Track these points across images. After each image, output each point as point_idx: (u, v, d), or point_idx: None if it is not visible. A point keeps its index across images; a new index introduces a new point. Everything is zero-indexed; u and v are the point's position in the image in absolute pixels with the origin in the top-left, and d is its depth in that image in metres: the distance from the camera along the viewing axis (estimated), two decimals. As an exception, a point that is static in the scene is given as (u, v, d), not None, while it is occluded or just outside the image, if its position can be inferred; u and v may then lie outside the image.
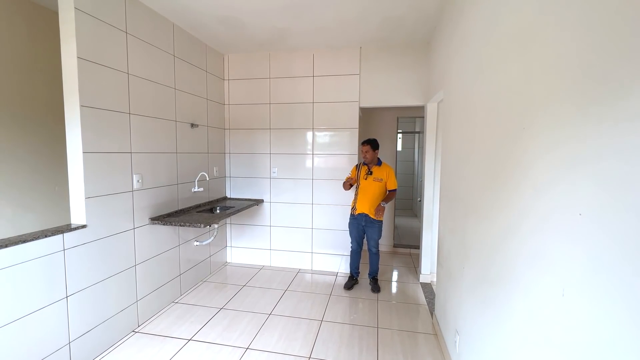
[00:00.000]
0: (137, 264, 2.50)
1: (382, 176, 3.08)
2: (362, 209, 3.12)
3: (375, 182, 3.07)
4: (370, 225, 3.13)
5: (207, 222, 2.61)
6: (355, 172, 3.23)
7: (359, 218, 3.16)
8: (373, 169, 3.11)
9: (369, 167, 3.13)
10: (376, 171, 3.10)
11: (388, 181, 3.10)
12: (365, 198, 3.10)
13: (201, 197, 3.40)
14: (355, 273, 3.37)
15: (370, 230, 3.16)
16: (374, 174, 3.08)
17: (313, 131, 3.65)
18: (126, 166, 2.36)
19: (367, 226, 3.15)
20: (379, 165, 3.13)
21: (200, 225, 2.53)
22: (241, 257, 3.97)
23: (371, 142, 3.07)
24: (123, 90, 2.32)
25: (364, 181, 3.10)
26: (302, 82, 3.63)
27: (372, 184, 3.08)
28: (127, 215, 2.39)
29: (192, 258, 3.24)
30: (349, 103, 3.54)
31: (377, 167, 3.12)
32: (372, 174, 3.08)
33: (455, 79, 2.11)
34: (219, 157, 3.77)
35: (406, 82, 3.44)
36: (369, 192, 3.08)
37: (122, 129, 2.31)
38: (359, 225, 3.17)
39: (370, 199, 3.08)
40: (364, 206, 3.11)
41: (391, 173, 3.11)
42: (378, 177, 3.07)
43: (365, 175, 3.11)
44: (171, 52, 2.85)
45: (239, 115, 3.83)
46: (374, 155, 3.08)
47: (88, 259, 2.07)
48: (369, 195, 3.08)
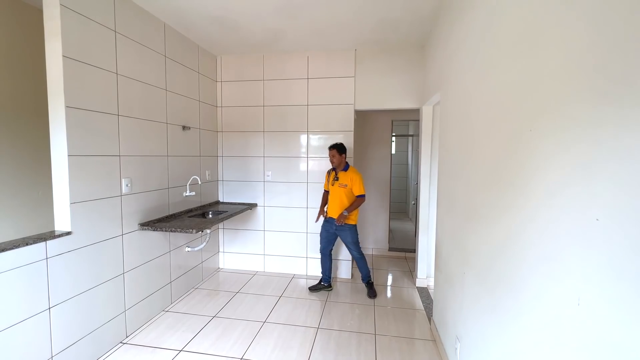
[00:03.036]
0: (126, 272, 2.40)
1: (347, 182, 3.04)
2: (331, 214, 3.13)
3: (340, 188, 3.05)
4: (341, 229, 3.11)
5: (198, 228, 2.52)
6: (326, 177, 3.29)
7: (330, 221, 3.16)
8: (339, 174, 3.09)
9: (336, 173, 3.12)
10: (342, 177, 3.07)
11: (353, 187, 3.03)
12: (334, 203, 3.10)
13: (193, 201, 3.31)
14: (326, 277, 3.29)
15: (342, 235, 3.14)
16: (340, 180, 3.07)
17: (308, 134, 3.60)
18: (114, 170, 2.27)
19: (338, 231, 3.14)
20: (345, 170, 3.09)
21: (192, 231, 2.45)
22: (234, 263, 3.88)
23: (337, 147, 3.04)
24: (111, 91, 2.23)
25: (332, 187, 3.12)
26: (296, 84, 3.58)
27: (338, 190, 3.07)
28: (115, 221, 2.29)
29: (183, 264, 3.14)
30: (343, 106, 3.51)
31: (342, 173, 3.09)
32: (338, 179, 3.07)
33: (454, 80, 2.09)
34: (212, 161, 3.69)
35: (401, 84, 3.43)
36: (336, 198, 3.08)
37: (110, 131, 2.22)
38: (330, 228, 3.17)
39: (338, 205, 3.07)
40: (333, 211, 3.12)
41: (356, 178, 3.03)
42: (343, 182, 3.04)
43: (332, 181, 3.11)
44: (162, 53, 2.77)
45: (232, 118, 3.75)
46: (341, 159, 3.06)
47: (73, 268, 1.97)
48: (337, 200, 3.08)
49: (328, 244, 3.26)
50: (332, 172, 3.19)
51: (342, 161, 3.08)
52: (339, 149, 3.05)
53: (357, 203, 3.06)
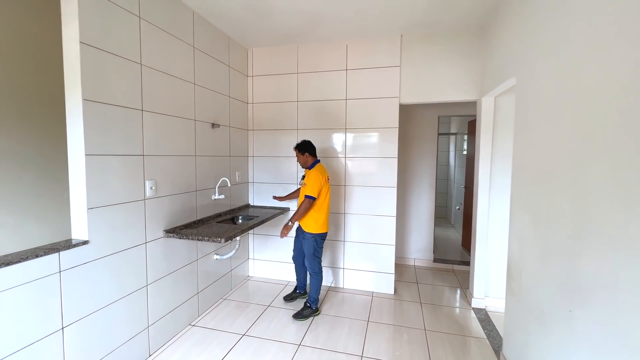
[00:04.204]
0: (149, 284, 2.17)
1: (306, 180, 2.73)
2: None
3: (302, 187, 2.78)
4: (302, 237, 2.80)
5: (227, 236, 2.24)
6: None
7: (298, 228, 2.91)
8: (306, 173, 2.81)
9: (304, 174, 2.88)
10: (306, 175, 2.79)
11: (307, 185, 2.67)
12: (298, 205, 2.79)
13: (222, 204, 3.06)
14: (300, 285, 3.09)
15: (303, 243, 2.81)
16: (304, 179, 2.77)
17: (345, 132, 3.24)
18: (137, 171, 2.04)
19: (300, 237, 2.84)
20: (309, 168, 2.77)
21: (220, 240, 2.17)
22: (265, 271, 3.60)
23: (298, 146, 2.77)
24: (135, 83, 2.00)
25: (301, 188, 2.84)
26: (333, 76, 3.24)
27: (301, 189, 2.79)
28: (138, 228, 2.06)
29: (211, 273, 2.90)
30: (387, 99, 3.11)
31: (307, 171, 2.79)
32: (304, 179, 2.79)
33: (545, 58, 1.64)
34: (242, 161, 3.44)
35: (455, 74, 2.97)
36: (299, 198, 2.80)
37: (133, 128, 2.00)
38: (298, 236, 2.92)
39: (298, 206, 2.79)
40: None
41: (311, 176, 2.66)
42: (304, 181, 2.75)
43: (301, 182, 2.85)
44: (191, 43, 2.54)
45: (263, 115, 3.48)
46: (305, 159, 2.76)
47: (90, 281, 1.74)
48: (299, 202, 2.80)
49: (298, 252, 2.95)
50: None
51: (307, 160, 2.76)
52: (300, 148, 2.76)
53: (302, 207, 2.63)
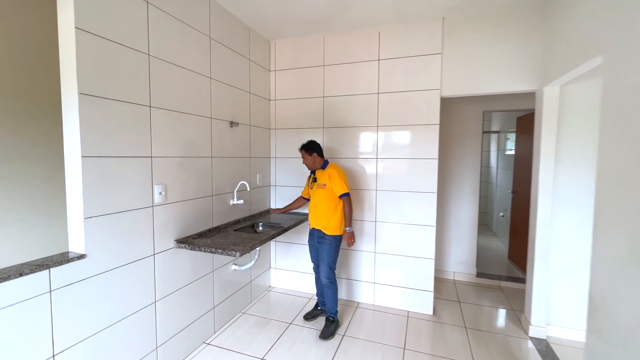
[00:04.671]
0: (158, 300, 1.95)
1: (325, 180, 2.51)
2: (313, 222, 2.60)
3: (319, 189, 2.54)
4: (321, 242, 2.54)
5: (245, 247, 1.97)
6: (307, 183, 2.79)
7: (313, 233, 2.63)
8: (317, 174, 2.61)
9: (314, 175, 2.65)
10: (320, 176, 2.57)
11: (333, 185, 2.46)
12: (313, 209, 2.58)
13: (241, 210, 2.82)
14: (322, 300, 2.77)
15: (321, 250, 2.55)
16: (318, 180, 2.57)
17: (377, 130, 2.88)
18: (144, 175, 1.82)
19: (318, 243, 2.57)
20: (322, 168, 2.58)
21: (236, 254, 1.90)
22: (287, 281, 3.32)
23: (304, 146, 2.57)
24: (142, 76, 1.79)
25: (311, 191, 2.64)
26: (364, 68, 2.89)
27: (317, 192, 2.56)
28: (145, 238, 1.84)
29: (229, 285, 2.65)
30: (426, 92, 2.71)
31: (320, 172, 2.58)
32: (317, 180, 2.58)
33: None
34: (263, 163, 3.18)
35: (507, 60, 2.52)
36: (318, 202, 2.55)
37: (139, 127, 1.78)
38: (314, 242, 2.62)
39: (318, 210, 2.54)
40: (313, 219, 2.59)
41: (334, 174, 2.47)
42: (321, 182, 2.53)
43: (311, 184, 2.66)
44: (207, 33, 2.31)
45: (286, 113, 3.20)
46: (313, 160, 2.56)
47: (88, 301, 1.53)
48: (316, 205, 2.56)
49: (318, 262, 2.64)
50: (311, 175, 2.70)
51: (316, 161, 2.57)
52: (306, 148, 2.55)
53: (348, 207, 2.49)
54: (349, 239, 2.50)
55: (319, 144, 2.59)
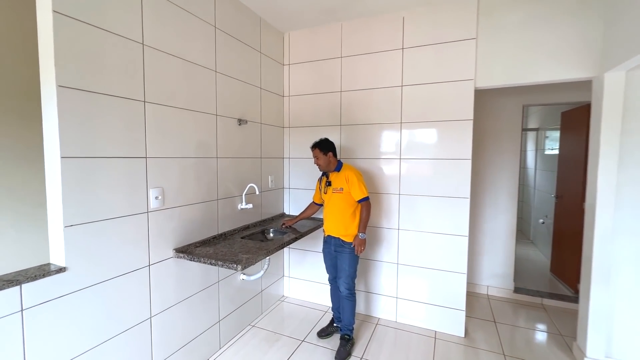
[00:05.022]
0: (154, 315, 1.76)
1: (341, 184, 2.27)
2: (329, 230, 2.35)
3: (335, 193, 2.29)
4: (340, 250, 2.30)
5: (247, 261, 1.75)
6: (317, 187, 2.52)
7: (329, 241, 2.37)
8: (331, 177, 2.34)
9: (327, 177, 2.37)
10: (335, 179, 2.32)
11: (351, 189, 2.23)
12: (330, 215, 2.34)
13: (251, 214, 2.61)
14: (338, 316, 2.49)
15: (340, 258, 2.31)
16: (333, 183, 2.32)
17: (401, 126, 2.57)
18: (138, 177, 1.64)
19: (336, 251, 2.33)
20: (337, 170, 2.32)
21: (237, 267, 1.68)
22: (301, 292, 3.08)
23: (319, 144, 2.30)
24: (134, 67, 1.61)
25: (325, 195, 2.38)
26: (385, 58, 2.60)
27: (333, 197, 2.31)
28: (139, 247, 1.66)
29: (237, 297, 2.45)
30: (458, 83, 2.38)
31: (335, 174, 2.33)
32: (331, 184, 2.32)
33: None
34: (276, 163, 2.96)
35: (556, 43, 2.14)
36: (334, 208, 2.31)
37: (131, 124, 1.60)
38: (330, 251, 2.37)
39: (336, 216, 2.30)
40: (330, 226, 2.34)
41: (352, 176, 2.24)
42: (337, 186, 2.28)
43: (325, 189, 2.37)
44: (211, 22, 2.11)
45: (301, 110, 2.97)
46: (327, 159, 2.29)
47: (68, 320, 1.36)
48: (333, 211, 2.31)
49: (334, 271, 2.42)
50: (323, 177, 2.44)
51: (331, 161, 2.30)
52: (321, 147, 2.28)
53: (366, 212, 2.26)
54: (359, 246, 2.23)
55: (333, 142, 2.33)
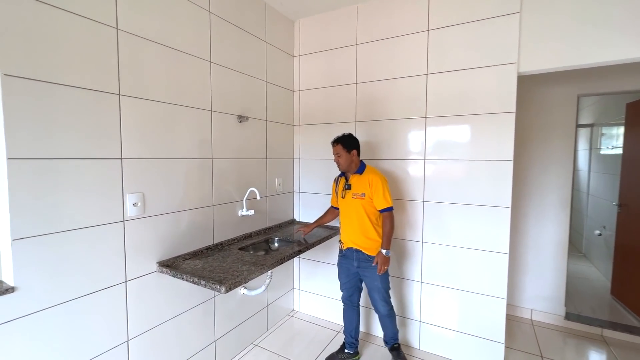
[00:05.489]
0: (132, 338, 1.55)
1: (363, 188, 1.95)
2: (349, 242, 2.03)
3: (355, 199, 1.97)
4: (366, 266, 1.98)
5: (235, 281, 1.48)
6: (334, 189, 2.19)
7: (348, 255, 2.05)
8: (352, 180, 2.02)
9: (346, 179, 2.05)
10: (355, 182, 2.00)
11: (374, 194, 1.91)
12: (350, 224, 2.01)
13: (255, 221, 2.36)
14: (350, 341, 2.15)
15: (369, 276, 1.99)
16: (353, 187, 1.99)
17: (425, 122, 2.20)
18: (111, 181, 1.44)
19: (361, 267, 2.00)
20: (360, 172, 1.99)
21: (221, 289, 1.42)
22: (312, 307, 2.79)
23: (342, 140, 1.98)
24: (106, 55, 1.40)
25: (342, 200, 2.05)
26: (407, 43, 2.23)
27: (352, 203, 1.99)
28: (112, 261, 1.46)
29: (237, 312, 2.21)
30: (496, 68, 1.96)
31: (356, 177, 2.01)
32: (351, 187, 1.99)
33: None
34: (285, 165, 2.69)
35: (632, 11, 1.67)
36: (351, 215, 2.00)
37: (103, 121, 1.39)
38: (350, 266, 2.06)
39: (357, 225, 1.98)
40: (350, 237, 2.02)
41: (376, 181, 1.92)
42: (358, 191, 1.97)
43: (343, 192, 2.04)
44: (205, 7, 1.88)
45: (313, 105, 2.67)
46: (350, 158, 1.97)
47: (15, 351, 1.17)
48: (353, 219, 1.99)
49: (353, 290, 2.13)
50: (340, 179, 2.11)
51: (353, 160, 1.99)
52: (345, 143, 1.97)
53: (390, 224, 1.92)
54: (383, 264, 1.90)
55: (357, 139, 2.02)
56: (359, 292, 2.15)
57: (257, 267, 1.67)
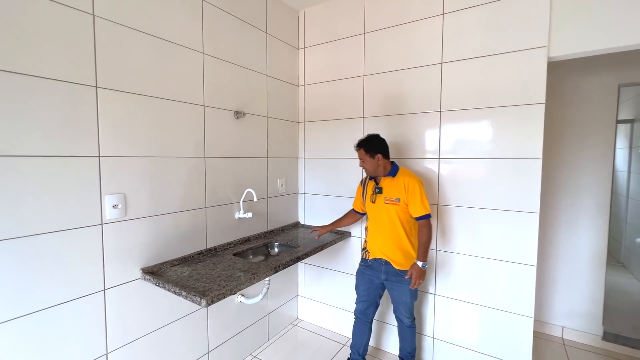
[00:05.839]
0: (112, 351, 1.43)
1: (398, 193, 1.75)
2: (377, 252, 1.82)
3: (388, 204, 1.77)
4: (396, 280, 1.79)
5: (219, 292, 1.33)
6: (360, 192, 1.99)
7: (375, 267, 1.84)
8: (383, 184, 1.81)
9: (376, 182, 1.85)
10: (388, 186, 1.79)
11: (410, 200, 1.70)
12: (379, 234, 1.82)
13: (255, 224, 2.21)
14: (357, 358, 1.96)
15: (398, 290, 1.81)
16: (385, 191, 1.79)
17: (440, 116, 1.97)
18: (87, 181, 1.32)
19: (389, 281, 1.81)
20: (392, 175, 1.79)
21: (201, 302, 1.27)
22: (317, 316, 2.61)
23: (363, 144, 1.79)
24: (81, 44, 1.28)
25: (372, 205, 1.85)
26: (419, 29, 2.02)
27: (384, 209, 1.78)
28: (88, 269, 1.34)
29: (234, 321, 2.07)
30: (522, 53, 1.71)
31: (389, 180, 1.80)
32: (382, 191, 1.78)
33: None
34: (288, 164, 2.53)
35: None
36: (383, 222, 1.80)
37: (77, 115, 1.28)
38: (374, 278, 1.86)
39: (390, 235, 1.78)
40: (379, 247, 1.82)
41: (414, 186, 1.71)
42: (392, 196, 1.76)
43: (373, 196, 1.83)
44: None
45: (319, 101, 2.50)
46: (376, 163, 1.78)
47: (-25, 363, 1.07)
48: (384, 228, 1.80)
49: (370, 303, 1.92)
50: (369, 181, 1.90)
51: (380, 164, 1.79)
52: (367, 147, 1.78)
53: (428, 233, 1.72)
54: (418, 278, 1.69)
55: (383, 139, 1.82)
56: (375, 307, 1.94)
57: (248, 276, 1.51)
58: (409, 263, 1.75)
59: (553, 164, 2.46)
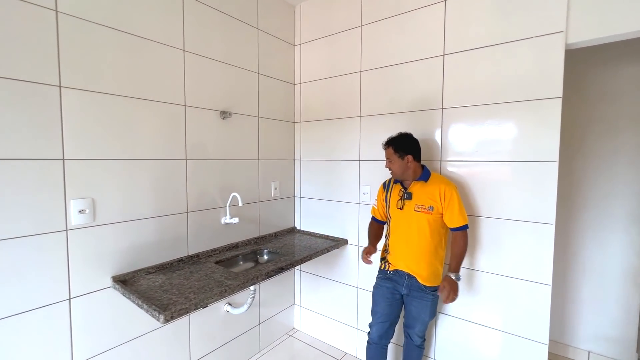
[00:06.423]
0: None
1: (432, 201, 1.54)
2: (401, 264, 1.62)
3: (419, 212, 1.56)
4: (418, 295, 1.59)
5: (180, 308, 1.22)
6: (381, 196, 1.77)
7: (396, 279, 1.65)
8: (413, 189, 1.60)
9: (404, 187, 1.64)
10: (418, 191, 1.58)
11: (447, 210, 1.51)
12: (407, 243, 1.60)
13: (245, 229, 2.11)
14: None
15: (417, 306, 1.60)
16: (415, 197, 1.58)
17: (442, 114, 1.78)
18: (49, 185, 1.26)
19: (410, 296, 1.61)
20: (424, 179, 1.57)
21: (159, 317, 1.16)
22: (313, 326, 2.47)
23: (393, 142, 1.59)
24: (42, 42, 1.22)
25: (399, 212, 1.63)
26: (419, 18, 1.84)
27: (414, 217, 1.57)
28: (53, 276, 1.28)
29: (220, 331, 1.97)
30: (535, 40, 1.50)
31: (420, 185, 1.59)
32: (412, 197, 1.57)
33: None
34: (284, 167, 2.41)
35: None
36: (412, 232, 1.58)
37: (37, 116, 1.22)
38: (396, 292, 1.65)
39: (417, 247, 1.57)
40: (404, 258, 1.61)
41: (452, 194, 1.52)
42: (425, 203, 1.55)
43: (400, 202, 1.61)
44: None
45: (315, 99, 2.37)
46: (404, 165, 1.57)
47: None
48: (413, 238, 1.58)
49: (391, 323, 1.68)
50: (394, 185, 1.69)
51: (409, 167, 1.58)
52: (398, 145, 1.58)
53: (464, 245, 1.54)
54: (451, 293, 1.48)
55: (416, 140, 1.62)
56: (393, 328, 1.71)
57: (221, 288, 1.40)
58: (433, 278, 1.57)
59: (573, 167, 2.18)
